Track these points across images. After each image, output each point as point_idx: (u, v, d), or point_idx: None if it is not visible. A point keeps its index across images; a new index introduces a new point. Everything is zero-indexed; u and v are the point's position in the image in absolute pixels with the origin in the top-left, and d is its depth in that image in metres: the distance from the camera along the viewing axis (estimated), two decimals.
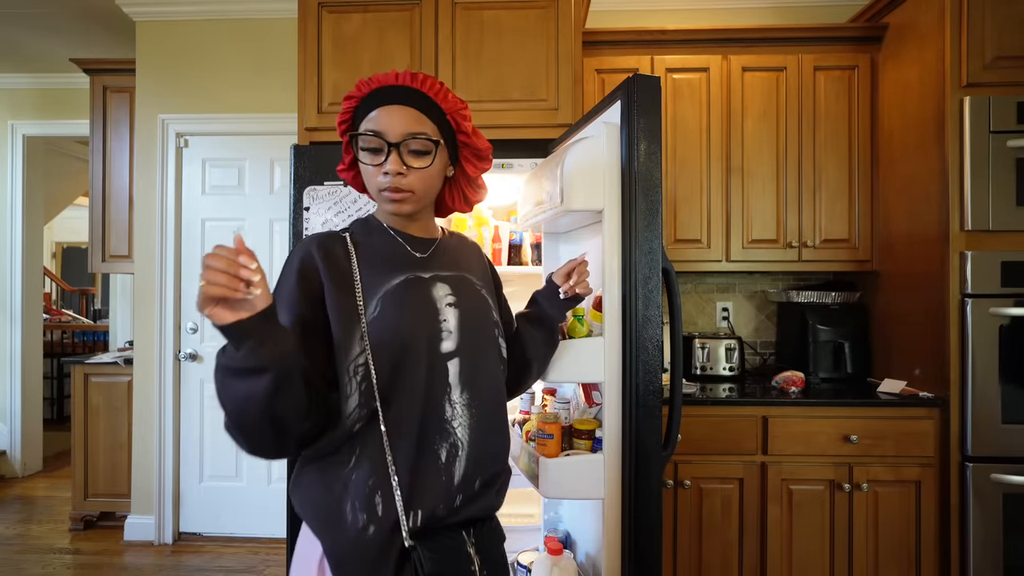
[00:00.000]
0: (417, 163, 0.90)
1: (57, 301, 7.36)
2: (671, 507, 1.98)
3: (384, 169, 0.89)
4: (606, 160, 1.32)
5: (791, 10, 2.73)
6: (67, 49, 3.32)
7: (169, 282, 2.88)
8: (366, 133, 0.89)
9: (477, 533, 0.89)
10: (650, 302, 1.29)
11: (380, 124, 0.89)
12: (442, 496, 0.84)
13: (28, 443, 3.89)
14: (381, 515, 0.80)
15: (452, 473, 0.86)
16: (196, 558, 2.71)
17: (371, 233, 0.97)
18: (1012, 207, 1.91)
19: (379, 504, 0.81)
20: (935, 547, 1.95)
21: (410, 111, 0.90)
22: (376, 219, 1.00)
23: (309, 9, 2.02)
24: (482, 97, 1.99)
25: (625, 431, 1.29)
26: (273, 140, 2.88)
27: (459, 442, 0.87)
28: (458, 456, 0.87)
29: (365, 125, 0.90)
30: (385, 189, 0.90)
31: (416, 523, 0.82)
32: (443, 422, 0.86)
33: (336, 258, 0.89)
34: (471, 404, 0.90)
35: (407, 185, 0.90)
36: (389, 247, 0.95)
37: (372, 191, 0.94)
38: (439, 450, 0.85)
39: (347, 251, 0.91)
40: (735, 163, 2.36)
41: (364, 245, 0.93)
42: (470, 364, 0.91)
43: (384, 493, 0.81)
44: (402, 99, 0.90)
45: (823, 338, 2.33)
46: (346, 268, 0.89)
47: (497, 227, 2.19)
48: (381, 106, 0.89)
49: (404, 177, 0.90)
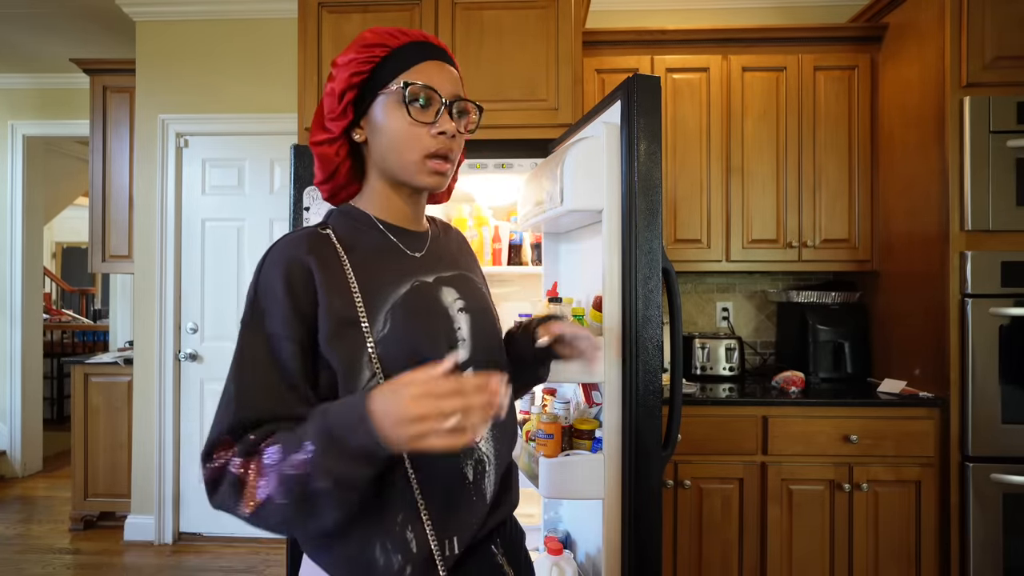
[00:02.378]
0: (464, 128, 0.80)
1: (57, 301, 7.35)
2: (671, 507, 1.98)
3: (439, 128, 0.76)
4: (606, 160, 1.32)
5: (791, 10, 2.73)
6: (67, 49, 3.32)
7: (169, 282, 2.87)
8: (418, 84, 0.75)
9: (504, 542, 0.83)
10: (650, 302, 1.29)
11: (433, 79, 0.76)
12: (477, 516, 0.77)
13: (28, 443, 3.89)
14: (416, 551, 0.72)
15: (483, 491, 0.78)
16: (196, 558, 2.71)
17: (358, 229, 0.81)
18: (1012, 207, 1.91)
19: (412, 540, 0.72)
20: (935, 547, 1.95)
21: (453, 71, 0.80)
22: (359, 210, 0.83)
23: (309, 9, 2.02)
24: (482, 97, 1.99)
25: (625, 431, 1.29)
26: (273, 140, 2.88)
27: (485, 457, 0.79)
28: (486, 472, 0.79)
29: (410, 76, 0.76)
30: (432, 155, 0.77)
31: (453, 551, 0.74)
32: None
33: (331, 264, 0.74)
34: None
35: (453, 152, 0.79)
36: (383, 246, 0.81)
37: (405, 159, 0.77)
38: (466, 470, 0.77)
39: (338, 255, 0.76)
40: (735, 163, 2.36)
41: (355, 246, 0.78)
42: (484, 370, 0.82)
43: (415, 527, 0.72)
44: (445, 57, 0.80)
45: (823, 338, 2.33)
46: (342, 276, 0.74)
47: (497, 227, 2.19)
48: (427, 60, 0.78)
49: (455, 140, 0.78)
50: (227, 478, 0.65)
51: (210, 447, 0.67)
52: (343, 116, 0.79)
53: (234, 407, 0.68)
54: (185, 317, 2.92)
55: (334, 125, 0.80)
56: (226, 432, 0.67)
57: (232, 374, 0.70)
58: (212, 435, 0.68)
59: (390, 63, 0.77)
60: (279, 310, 0.70)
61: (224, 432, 0.67)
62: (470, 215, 2.22)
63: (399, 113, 0.76)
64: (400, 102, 0.76)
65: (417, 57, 0.77)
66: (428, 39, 0.80)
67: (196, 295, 2.92)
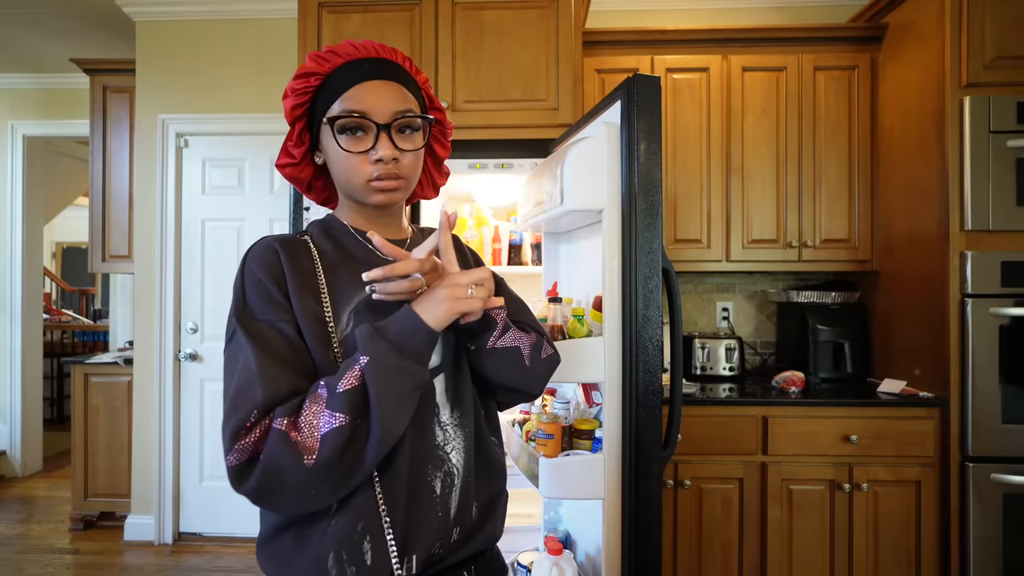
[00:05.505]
0: (409, 144, 0.79)
1: (57, 301, 7.35)
2: (671, 507, 1.98)
3: (376, 155, 0.76)
4: (606, 160, 1.32)
5: (791, 10, 2.73)
6: (67, 49, 3.32)
7: (169, 282, 2.87)
8: (348, 115, 0.75)
9: (479, 570, 0.80)
10: (650, 302, 1.29)
11: (363, 103, 0.76)
12: (439, 533, 0.74)
13: (28, 443, 3.89)
14: (371, 564, 0.69)
15: (448, 505, 0.75)
16: (196, 558, 2.70)
17: (334, 237, 0.83)
18: (1012, 207, 1.91)
19: (368, 552, 0.69)
20: (935, 547, 1.95)
21: (393, 86, 0.78)
22: (337, 220, 0.85)
23: (309, 9, 2.02)
24: (482, 97, 1.99)
25: (625, 431, 1.29)
26: (273, 140, 2.87)
27: (454, 469, 0.77)
28: (454, 485, 0.76)
29: (342, 106, 0.76)
30: (375, 179, 0.77)
31: (411, 570, 0.71)
32: (435, 448, 0.76)
33: (300, 260, 0.76)
34: (463, 424, 0.79)
35: (402, 171, 0.78)
36: (357, 252, 0.82)
37: (352, 184, 0.79)
38: (433, 482, 0.75)
39: (311, 255, 0.78)
40: (735, 163, 2.36)
41: (328, 251, 0.80)
42: (454, 377, 0.81)
43: (374, 538, 0.69)
44: (382, 73, 0.78)
45: (823, 338, 2.33)
46: (311, 275, 0.76)
47: (497, 227, 2.19)
48: (360, 82, 0.77)
49: (398, 162, 0.77)
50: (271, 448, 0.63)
51: (235, 432, 0.64)
52: (300, 143, 0.82)
53: (259, 387, 0.66)
54: (185, 317, 2.92)
55: (295, 151, 0.83)
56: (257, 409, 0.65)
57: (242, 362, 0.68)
58: (235, 421, 0.64)
59: (325, 91, 0.78)
60: (267, 302, 0.72)
61: (254, 410, 0.64)
62: (470, 215, 2.22)
63: (343, 140, 0.77)
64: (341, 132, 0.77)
65: (349, 80, 0.77)
66: (364, 55, 0.79)
67: (196, 295, 2.92)
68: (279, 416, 0.64)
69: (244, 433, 0.64)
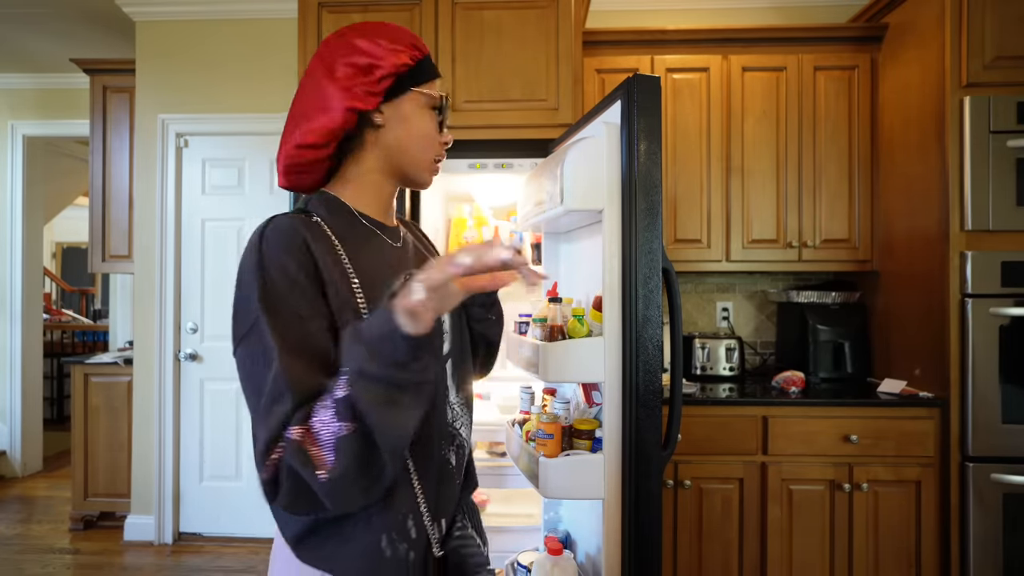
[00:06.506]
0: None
1: (57, 301, 7.35)
2: (671, 507, 1.98)
3: (444, 139, 0.86)
4: (606, 160, 1.32)
5: (791, 10, 2.73)
6: (67, 49, 3.32)
7: (169, 282, 2.87)
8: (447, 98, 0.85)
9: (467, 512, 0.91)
10: (650, 302, 1.29)
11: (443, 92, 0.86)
12: (455, 497, 0.85)
13: (28, 443, 3.89)
14: (416, 537, 0.75)
15: (460, 472, 0.87)
16: (196, 558, 2.71)
17: (343, 219, 0.79)
18: (1012, 207, 1.91)
19: (412, 528, 0.75)
20: (935, 547, 1.95)
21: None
22: (340, 201, 0.81)
23: (309, 9, 2.02)
24: (482, 97, 1.99)
25: (625, 431, 1.29)
26: (273, 140, 2.87)
27: (464, 442, 0.87)
28: (463, 455, 0.87)
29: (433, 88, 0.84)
30: (437, 160, 0.86)
31: (441, 531, 0.80)
32: (447, 426, 0.84)
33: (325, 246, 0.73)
34: (467, 403, 0.89)
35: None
36: (370, 238, 0.81)
37: (419, 159, 0.83)
38: (448, 455, 0.83)
39: (332, 243, 0.75)
40: (735, 163, 2.36)
41: (345, 236, 0.77)
42: (460, 362, 0.88)
43: (415, 515, 0.76)
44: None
45: (823, 338, 2.33)
46: (339, 264, 0.73)
47: (497, 227, 2.19)
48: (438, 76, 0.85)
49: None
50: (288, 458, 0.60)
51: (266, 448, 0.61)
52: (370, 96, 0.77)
53: (288, 395, 0.62)
54: (185, 317, 2.92)
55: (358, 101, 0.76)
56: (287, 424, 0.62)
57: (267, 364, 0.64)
58: (265, 437, 0.62)
59: (425, 66, 0.82)
60: (298, 293, 0.67)
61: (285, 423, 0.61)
62: (470, 215, 2.22)
63: (428, 116, 0.82)
64: (432, 108, 0.82)
65: (435, 71, 0.84)
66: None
67: (196, 295, 2.92)
68: (294, 423, 0.61)
69: (271, 452, 0.61)
